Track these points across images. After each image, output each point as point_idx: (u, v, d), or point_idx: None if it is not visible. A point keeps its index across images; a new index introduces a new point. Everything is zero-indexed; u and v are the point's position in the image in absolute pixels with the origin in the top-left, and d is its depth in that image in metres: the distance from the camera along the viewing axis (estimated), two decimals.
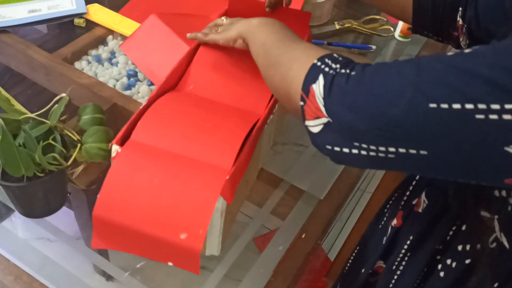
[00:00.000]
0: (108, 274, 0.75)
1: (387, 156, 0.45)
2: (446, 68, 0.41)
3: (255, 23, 0.66)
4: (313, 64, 0.51)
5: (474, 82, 0.39)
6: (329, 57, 0.51)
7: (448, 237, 0.63)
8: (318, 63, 0.51)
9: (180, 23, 0.99)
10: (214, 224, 0.65)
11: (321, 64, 0.50)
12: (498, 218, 0.55)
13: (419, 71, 0.42)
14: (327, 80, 0.48)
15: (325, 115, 0.48)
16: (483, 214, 0.56)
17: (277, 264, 0.76)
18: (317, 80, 0.49)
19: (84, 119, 0.72)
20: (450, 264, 0.60)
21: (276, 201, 0.84)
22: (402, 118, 0.42)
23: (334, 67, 0.49)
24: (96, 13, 1.05)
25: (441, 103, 0.40)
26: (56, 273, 0.71)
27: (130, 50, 0.97)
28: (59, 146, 0.67)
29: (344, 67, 0.49)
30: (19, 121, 0.67)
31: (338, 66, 0.49)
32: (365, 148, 0.46)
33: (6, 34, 0.97)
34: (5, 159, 0.62)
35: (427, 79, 0.42)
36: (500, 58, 0.39)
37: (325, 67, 0.50)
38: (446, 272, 0.61)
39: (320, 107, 0.48)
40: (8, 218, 0.79)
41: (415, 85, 0.42)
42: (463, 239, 0.60)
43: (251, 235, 0.80)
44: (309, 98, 0.50)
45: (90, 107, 0.73)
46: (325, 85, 0.48)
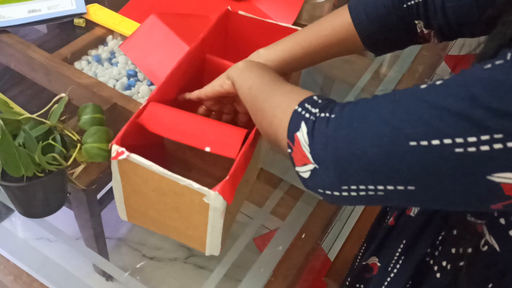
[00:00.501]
0: (108, 274, 0.75)
1: (377, 193, 0.46)
2: (420, 104, 0.42)
3: (241, 67, 0.67)
4: (294, 111, 0.52)
5: (448, 117, 0.40)
6: (309, 101, 0.52)
7: (438, 241, 0.63)
8: (298, 109, 0.51)
9: (180, 23, 0.99)
10: (214, 225, 0.65)
11: (302, 110, 0.51)
12: (486, 223, 0.55)
13: (395, 109, 0.43)
14: (309, 126, 0.49)
15: (312, 161, 0.48)
16: (469, 219, 0.57)
17: (277, 264, 0.76)
18: (300, 127, 0.50)
19: (84, 119, 0.72)
20: (446, 265, 0.61)
21: (276, 201, 0.84)
22: (385, 158, 0.43)
23: (314, 112, 0.50)
24: (96, 13, 1.05)
25: (420, 140, 0.41)
26: (56, 273, 0.71)
27: (130, 50, 0.97)
28: (59, 146, 0.67)
29: (323, 110, 0.49)
30: (19, 121, 0.67)
31: (317, 110, 0.50)
32: (354, 189, 0.47)
33: (6, 34, 0.97)
34: (4, 160, 0.62)
35: (403, 117, 0.42)
36: (469, 88, 0.39)
37: (305, 113, 0.50)
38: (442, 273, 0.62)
39: (307, 154, 0.49)
40: (8, 218, 0.79)
41: (392, 124, 0.43)
42: (455, 242, 0.60)
43: (251, 235, 0.80)
44: (295, 145, 0.50)
45: (89, 107, 0.73)
46: (308, 132, 0.49)
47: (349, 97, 1.04)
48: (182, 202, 0.65)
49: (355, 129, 0.45)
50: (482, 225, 0.56)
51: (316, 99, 0.52)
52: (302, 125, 0.50)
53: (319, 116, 0.49)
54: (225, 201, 0.61)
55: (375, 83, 1.08)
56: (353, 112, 0.47)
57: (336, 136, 0.46)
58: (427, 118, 0.41)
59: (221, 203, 0.61)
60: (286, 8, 1.14)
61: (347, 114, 0.47)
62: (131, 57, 0.96)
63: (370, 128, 0.44)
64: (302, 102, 0.52)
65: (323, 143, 0.47)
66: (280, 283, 0.74)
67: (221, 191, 0.60)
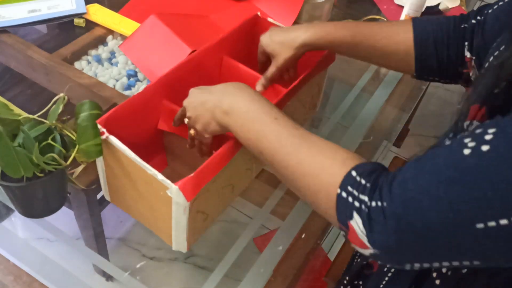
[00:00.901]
0: (108, 274, 0.75)
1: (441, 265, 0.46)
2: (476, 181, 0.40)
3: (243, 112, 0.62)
4: (338, 195, 0.50)
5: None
6: (350, 182, 0.50)
7: None
8: (343, 194, 0.49)
9: (180, 23, 0.99)
10: (178, 220, 0.65)
11: (347, 195, 0.49)
12: None
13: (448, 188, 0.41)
14: (363, 218, 0.47)
15: (371, 248, 0.47)
16: None
17: (277, 264, 0.76)
18: (352, 216, 0.48)
19: (82, 116, 0.71)
20: (446, 272, 0.60)
21: (276, 201, 0.84)
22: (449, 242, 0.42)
23: (363, 199, 0.48)
24: (96, 13, 1.05)
25: (487, 221, 0.39)
26: (56, 273, 0.71)
27: (130, 50, 0.97)
28: (59, 146, 0.67)
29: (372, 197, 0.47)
30: (19, 121, 0.67)
31: (366, 198, 0.47)
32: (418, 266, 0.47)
33: (6, 34, 0.97)
34: (3, 161, 0.62)
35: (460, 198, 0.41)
36: None
37: (353, 200, 0.48)
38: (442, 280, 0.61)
39: (365, 242, 0.47)
40: (8, 218, 0.79)
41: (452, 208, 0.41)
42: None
43: (251, 235, 0.80)
44: (350, 232, 0.49)
45: (87, 104, 0.72)
46: (364, 224, 0.47)
47: (349, 97, 1.04)
48: (150, 191, 0.66)
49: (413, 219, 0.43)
50: None
51: (357, 178, 0.50)
52: (355, 216, 0.48)
53: (371, 206, 0.47)
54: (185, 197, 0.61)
55: (375, 83, 1.08)
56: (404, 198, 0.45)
57: (396, 228, 0.45)
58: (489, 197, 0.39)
59: (182, 198, 0.61)
60: (286, 8, 1.14)
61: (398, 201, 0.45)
62: (131, 57, 0.96)
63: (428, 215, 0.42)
64: (343, 184, 0.50)
65: (383, 235, 0.46)
66: (280, 283, 0.74)
67: (181, 187, 0.60)
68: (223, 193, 0.72)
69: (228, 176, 0.71)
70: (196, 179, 0.62)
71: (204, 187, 0.64)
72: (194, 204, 0.64)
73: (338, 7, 1.25)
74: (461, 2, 1.26)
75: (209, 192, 0.67)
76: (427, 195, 0.43)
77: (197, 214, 0.67)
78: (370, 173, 0.50)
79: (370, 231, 0.46)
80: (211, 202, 0.70)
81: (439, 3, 1.23)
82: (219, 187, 0.70)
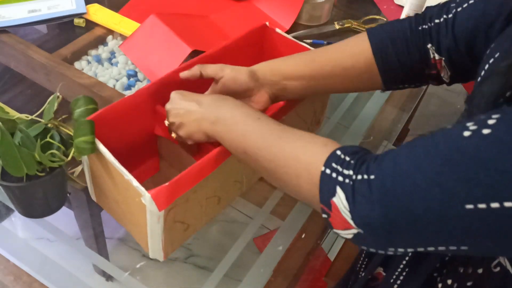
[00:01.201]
0: (108, 274, 0.75)
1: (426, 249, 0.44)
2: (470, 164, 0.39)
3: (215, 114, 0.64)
4: (322, 173, 0.49)
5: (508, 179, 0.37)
6: (334, 159, 0.49)
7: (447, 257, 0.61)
8: (327, 171, 0.49)
9: (180, 23, 0.99)
10: (152, 228, 0.64)
11: (331, 171, 0.48)
12: None
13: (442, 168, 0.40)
14: (347, 192, 0.46)
15: (354, 226, 0.46)
16: None
17: (277, 264, 0.76)
18: (335, 193, 0.47)
19: (77, 112, 0.71)
20: (451, 284, 0.59)
21: (276, 201, 0.84)
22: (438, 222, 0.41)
23: (347, 174, 0.47)
24: (96, 13, 1.05)
25: (478, 203, 0.39)
26: (56, 273, 0.71)
27: (130, 50, 0.97)
28: (57, 143, 0.67)
29: (358, 171, 0.46)
30: (14, 121, 0.67)
31: (351, 172, 0.47)
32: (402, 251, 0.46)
33: (6, 34, 0.97)
34: (5, 160, 0.62)
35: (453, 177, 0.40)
36: None
37: (337, 175, 0.48)
38: None
39: (348, 219, 0.46)
40: (8, 218, 0.79)
41: (442, 186, 0.40)
42: (464, 261, 0.58)
43: (251, 235, 0.80)
44: (333, 211, 0.48)
45: (81, 99, 0.71)
46: (347, 198, 0.46)
47: (349, 97, 1.04)
48: (128, 196, 0.65)
49: (401, 193, 0.42)
50: None
51: (341, 156, 0.49)
52: (338, 191, 0.47)
53: (357, 179, 0.46)
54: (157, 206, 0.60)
55: None
56: (395, 171, 0.44)
57: (382, 201, 0.43)
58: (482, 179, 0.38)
59: (155, 207, 0.60)
60: (286, 8, 1.14)
61: (388, 174, 0.44)
62: (131, 57, 0.96)
63: (418, 191, 0.41)
64: (328, 162, 0.49)
65: (368, 209, 0.44)
66: (280, 283, 0.74)
67: (154, 196, 0.59)
68: (207, 204, 0.71)
69: (212, 187, 0.69)
70: (170, 188, 0.60)
71: (181, 197, 0.62)
72: (171, 213, 0.63)
73: (338, 7, 1.26)
74: None
75: (188, 202, 0.66)
76: (420, 171, 0.42)
77: (174, 223, 0.66)
78: (356, 152, 0.49)
79: (354, 204, 0.45)
80: (192, 213, 0.68)
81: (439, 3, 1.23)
82: (202, 198, 0.69)
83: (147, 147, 0.79)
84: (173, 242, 0.69)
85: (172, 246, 0.69)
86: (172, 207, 0.62)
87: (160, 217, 0.61)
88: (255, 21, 1.10)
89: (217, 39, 1.02)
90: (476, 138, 0.40)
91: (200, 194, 0.67)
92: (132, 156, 0.64)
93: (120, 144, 0.66)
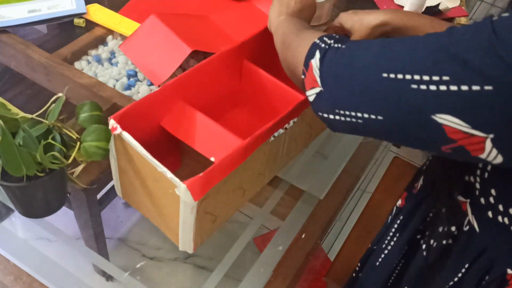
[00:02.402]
0: (108, 274, 0.75)
1: (357, 121, 0.51)
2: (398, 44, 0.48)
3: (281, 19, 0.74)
4: (313, 42, 0.57)
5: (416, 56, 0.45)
6: (327, 36, 0.57)
7: (428, 218, 0.67)
8: (317, 41, 0.56)
9: (180, 23, 0.99)
10: (185, 219, 0.65)
11: (320, 41, 0.56)
12: (470, 202, 0.59)
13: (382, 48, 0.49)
14: (322, 53, 0.54)
15: (319, 84, 0.54)
16: (459, 198, 0.61)
17: (277, 264, 0.76)
18: (314, 55, 0.55)
19: (82, 117, 0.72)
20: (432, 244, 0.65)
21: (276, 201, 0.84)
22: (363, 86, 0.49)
23: (329, 43, 0.55)
24: (96, 13, 1.05)
25: (390, 73, 0.46)
26: (56, 273, 0.72)
27: (130, 50, 0.97)
28: (59, 145, 0.67)
29: (337, 42, 0.55)
30: (17, 120, 0.67)
31: (332, 41, 0.55)
32: (343, 114, 0.52)
33: (6, 34, 0.97)
34: (5, 159, 0.62)
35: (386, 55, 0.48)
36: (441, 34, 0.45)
37: (322, 43, 0.56)
38: (428, 251, 0.66)
39: (316, 78, 0.54)
40: (8, 218, 0.79)
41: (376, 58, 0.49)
42: (444, 221, 0.64)
43: (251, 235, 0.80)
44: (308, 71, 0.56)
45: (87, 104, 0.72)
46: (320, 58, 0.54)
47: None
48: (159, 189, 0.66)
49: (352, 60, 0.51)
50: (467, 204, 0.60)
51: (335, 35, 0.57)
52: (317, 53, 0.55)
53: (333, 46, 0.54)
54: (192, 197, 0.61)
55: None
56: (356, 47, 0.52)
57: (338, 63, 0.52)
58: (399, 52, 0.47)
59: (190, 197, 0.61)
60: None
61: (352, 47, 0.52)
62: (131, 57, 0.96)
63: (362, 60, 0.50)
64: (322, 36, 0.57)
65: (328, 67, 0.53)
66: (280, 283, 0.74)
67: (189, 186, 0.60)
68: (233, 196, 0.72)
69: (239, 179, 0.71)
70: (204, 179, 0.61)
71: (213, 188, 0.64)
72: (202, 204, 0.64)
73: (338, 7, 1.25)
74: (461, 2, 1.26)
75: (218, 193, 0.67)
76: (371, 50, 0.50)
77: (205, 215, 0.67)
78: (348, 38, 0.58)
79: (322, 63, 0.54)
80: (220, 204, 0.70)
81: (439, 3, 1.23)
82: (230, 190, 0.70)
83: (170, 142, 0.79)
84: (202, 234, 0.70)
85: (201, 238, 0.70)
86: (204, 198, 0.63)
87: (194, 208, 0.63)
88: (255, 21, 1.10)
89: (217, 39, 1.02)
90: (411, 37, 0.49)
91: (228, 186, 0.69)
92: (155, 151, 0.65)
93: (144, 139, 0.67)
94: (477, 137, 0.42)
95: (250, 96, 0.87)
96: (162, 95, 0.74)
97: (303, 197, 0.85)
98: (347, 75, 0.50)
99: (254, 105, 0.88)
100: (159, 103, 0.74)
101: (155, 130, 0.76)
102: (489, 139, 0.42)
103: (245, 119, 0.90)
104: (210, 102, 0.82)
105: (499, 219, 0.55)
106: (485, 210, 0.57)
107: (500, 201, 0.54)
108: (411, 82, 0.44)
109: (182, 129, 0.75)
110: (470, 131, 0.42)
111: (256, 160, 0.72)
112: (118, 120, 0.67)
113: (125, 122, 0.67)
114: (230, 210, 0.75)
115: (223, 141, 0.71)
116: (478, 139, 0.42)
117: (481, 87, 0.40)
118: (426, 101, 0.44)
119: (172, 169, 0.63)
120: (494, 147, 0.42)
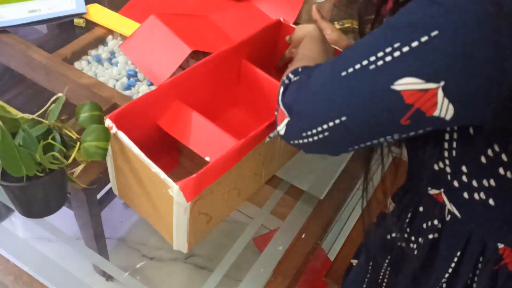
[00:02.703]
0: (108, 274, 0.75)
1: (324, 134, 0.54)
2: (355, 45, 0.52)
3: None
4: (282, 82, 0.61)
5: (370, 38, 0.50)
6: (293, 71, 0.61)
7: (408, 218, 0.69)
8: (283, 78, 0.61)
9: (180, 23, 0.99)
10: (179, 220, 0.65)
11: (286, 79, 0.61)
12: (444, 191, 0.61)
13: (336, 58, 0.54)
14: (284, 88, 0.60)
15: (286, 115, 0.57)
16: (431, 192, 0.63)
17: (277, 264, 0.76)
18: (280, 91, 0.60)
19: (82, 117, 0.72)
20: (420, 241, 0.66)
21: (276, 201, 0.84)
22: (325, 94, 0.52)
23: (290, 77, 0.60)
24: (96, 13, 1.05)
25: (348, 68, 0.50)
26: (56, 273, 0.72)
27: (129, 50, 0.97)
28: (59, 145, 0.67)
29: (297, 74, 0.59)
30: (17, 120, 0.67)
31: (292, 75, 0.60)
32: (310, 135, 0.55)
33: (6, 34, 0.97)
34: (5, 159, 0.62)
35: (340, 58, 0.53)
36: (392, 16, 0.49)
37: (286, 79, 0.60)
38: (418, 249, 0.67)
39: (284, 110, 0.58)
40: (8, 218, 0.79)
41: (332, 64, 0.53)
42: (423, 218, 0.66)
43: (251, 235, 0.80)
44: (279, 108, 0.60)
45: (87, 105, 0.72)
46: (283, 91, 0.59)
47: None
48: (154, 189, 0.66)
49: (311, 81, 0.55)
50: (442, 194, 0.62)
51: (299, 70, 0.60)
52: (281, 89, 0.60)
53: (293, 80, 0.59)
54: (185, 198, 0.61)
55: None
56: (314, 68, 0.57)
57: (298, 89, 0.57)
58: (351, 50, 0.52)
59: (183, 198, 0.61)
60: (286, 8, 1.14)
61: (310, 69, 0.57)
62: (131, 57, 0.96)
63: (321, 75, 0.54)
64: (287, 73, 0.61)
65: (290, 96, 0.57)
66: (280, 283, 0.74)
67: (182, 187, 0.60)
68: (228, 196, 0.72)
69: (234, 180, 0.70)
70: (197, 180, 0.61)
71: (207, 189, 0.64)
72: (196, 205, 0.64)
73: (338, 7, 1.25)
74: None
75: (212, 194, 0.67)
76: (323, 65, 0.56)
77: (199, 215, 0.67)
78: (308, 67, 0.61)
79: (283, 94, 0.59)
80: (215, 205, 0.70)
81: None
82: (224, 190, 0.70)
83: (167, 142, 0.79)
84: (197, 234, 0.70)
85: (195, 238, 0.70)
86: (198, 199, 0.63)
87: (187, 209, 0.63)
88: (255, 21, 1.10)
89: (217, 39, 1.02)
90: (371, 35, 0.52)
91: (223, 187, 0.69)
92: (152, 151, 0.65)
93: (140, 139, 0.67)
94: (431, 90, 0.45)
95: (248, 96, 0.87)
96: (159, 94, 0.74)
97: (303, 197, 0.85)
98: (309, 94, 0.54)
99: (252, 106, 0.88)
100: (156, 102, 0.74)
101: (152, 129, 0.76)
102: (440, 88, 0.45)
103: (242, 119, 0.89)
104: (207, 102, 0.82)
105: (476, 197, 0.57)
106: (460, 192, 0.58)
107: (472, 176, 0.56)
108: (369, 65, 0.48)
109: (178, 128, 0.75)
110: (424, 86, 0.45)
111: (251, 161, 0.72)
112: (114, 119, 0.67)
113: (122, 121, 0.67)
114: (226, 211, 0.75)
115: (218, 141, 0.71)
116: (431, 93, 0.45)
117: (428, 36, 0.44)
118: (384, 73, 0.47)
119: (169, 168, 0.63)
120: (445, 97, 0.45)
